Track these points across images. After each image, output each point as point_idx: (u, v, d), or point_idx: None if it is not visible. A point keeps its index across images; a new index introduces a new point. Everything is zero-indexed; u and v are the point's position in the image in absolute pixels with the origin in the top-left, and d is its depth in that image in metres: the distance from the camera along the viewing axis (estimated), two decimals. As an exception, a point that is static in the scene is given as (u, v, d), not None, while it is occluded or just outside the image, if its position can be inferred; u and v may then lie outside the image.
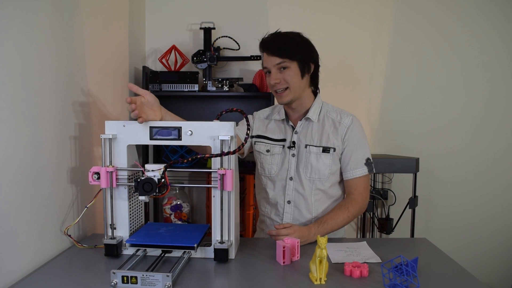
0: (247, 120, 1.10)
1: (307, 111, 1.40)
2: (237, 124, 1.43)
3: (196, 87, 2.18)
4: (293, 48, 1.30)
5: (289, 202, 1.39)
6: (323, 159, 1.36)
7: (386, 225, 2.30)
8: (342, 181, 1.43)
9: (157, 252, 1.12)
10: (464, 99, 2.45)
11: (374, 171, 1.46)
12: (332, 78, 2.40)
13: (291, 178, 1.39)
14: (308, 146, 1.37)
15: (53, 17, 1.20)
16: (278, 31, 1.35)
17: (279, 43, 1.31)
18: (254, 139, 1.48)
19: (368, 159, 1.37)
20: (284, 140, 1.42)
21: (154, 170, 1.06)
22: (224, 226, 1.09)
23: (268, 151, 1.43)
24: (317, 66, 1.39)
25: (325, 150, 1.35)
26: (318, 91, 1.44)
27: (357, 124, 1.39)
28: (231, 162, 1.08)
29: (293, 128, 1.41)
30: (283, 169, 1.40)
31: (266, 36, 1.35)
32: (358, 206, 1.34)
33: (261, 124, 1.48)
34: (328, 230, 1.28)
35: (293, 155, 1.39)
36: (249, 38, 2.38)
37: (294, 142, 1.39)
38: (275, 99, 2.13)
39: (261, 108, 1.56)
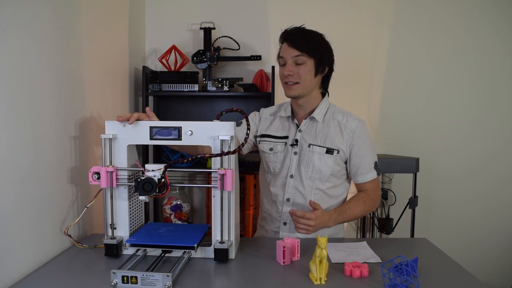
0: (247, 121, 1.10)
1: (313, 111, 1.39)
2: (238, 124, 1.43)
3: (196, 87, 2.18)
4: (313, 45, 1.31)
5: (288, 199, 1.39)
6: (326, 160, 1.35)
7: (386, 225, 2.30)
8: (343, 183, 1.43)
9: (157, 252, 1.12)
10: (464, 99, 2.45)
11: (381, 172, 1.47)
12: (332, 77, 2.38)
13: (291, 176, 1.39)
14: (311, 146, 1.37)
15: (53, 17, 1.20)
16: (303, 26, 1.36)
17: (301, 37, 1.32)
18: (258, 139, 1.48)
19: (375, 163, 1.38)
20: (286, 137, 1.42)
21: (154, 170, 1.06)
22: (224, 226, 1.09)
23: (271, 149, 1.43)
24: (331, 70, 1.40)
25: (329, 151, 1.35)
26: (327, 94, 1.45)
27: (363, 128, 1.38)
28: (231, 162, 1.08)
29: (298, 126, 1.41)
30: (284, 166, 1.40)
31: (289, 28, 1.35)
32: (373, 202, 1.37)
33: (266, 123, 1.48)
34: (345, 220, 1.31)
35: (295, 153, 1.39)
36: (249, 38, 2.40)
37: (297, 140, 1.39)
38: (275, 99, 2.15)
39: (260, 108, 1.56)
